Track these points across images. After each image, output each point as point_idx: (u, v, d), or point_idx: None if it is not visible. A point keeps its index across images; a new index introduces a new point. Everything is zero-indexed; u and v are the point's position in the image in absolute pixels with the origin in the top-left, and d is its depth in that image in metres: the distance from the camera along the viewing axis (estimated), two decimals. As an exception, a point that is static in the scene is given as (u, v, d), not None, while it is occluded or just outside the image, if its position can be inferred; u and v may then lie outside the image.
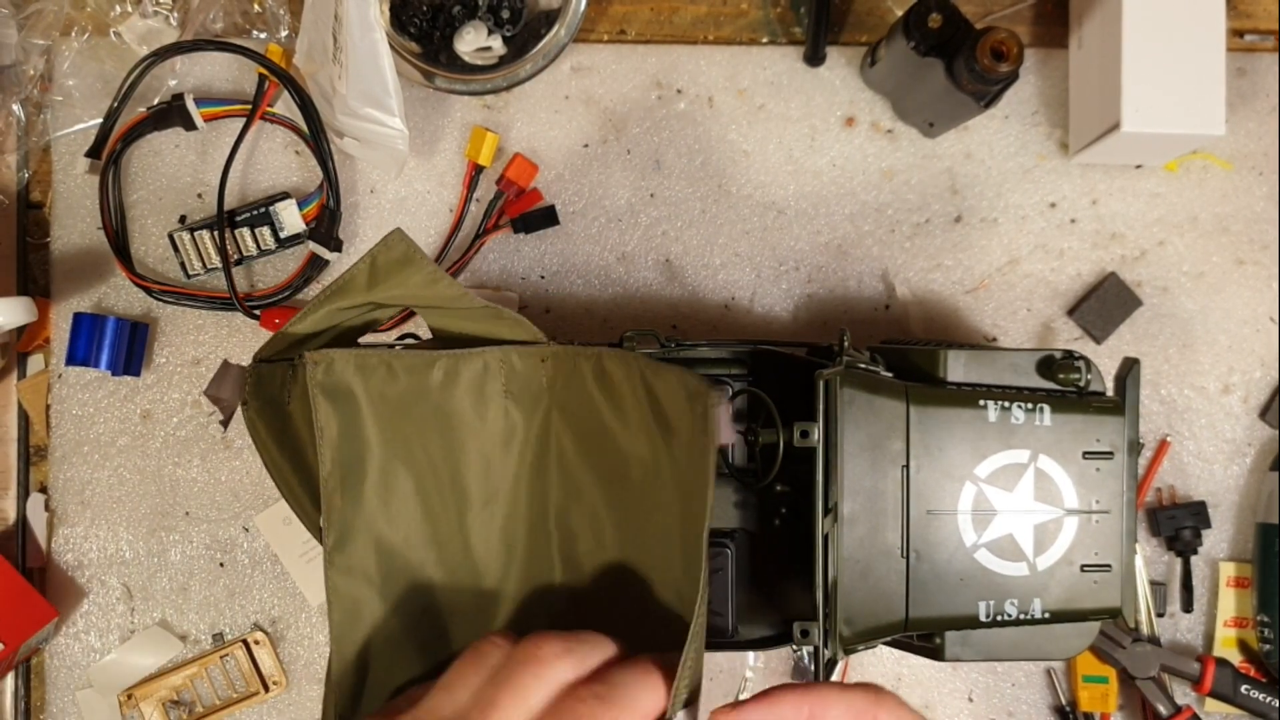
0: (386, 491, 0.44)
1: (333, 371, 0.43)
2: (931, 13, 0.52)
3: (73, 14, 0.58)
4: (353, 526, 0.43)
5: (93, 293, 0.59)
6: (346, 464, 0.43)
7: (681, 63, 0.60)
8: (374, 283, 0.43)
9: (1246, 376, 0.60)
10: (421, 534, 0.44)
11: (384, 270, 0.43)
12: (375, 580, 0.44)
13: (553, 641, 0.37)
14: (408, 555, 0.44)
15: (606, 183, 0.60)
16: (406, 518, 0.44)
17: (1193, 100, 0.54)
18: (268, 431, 0.46)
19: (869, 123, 0.60)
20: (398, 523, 0.44)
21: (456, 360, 0.44)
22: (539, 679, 0.36)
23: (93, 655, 0.58)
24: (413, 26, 0.57)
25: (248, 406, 0.46)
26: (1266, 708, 0.57)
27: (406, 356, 0.44)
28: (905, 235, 0.60)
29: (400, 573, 0.44)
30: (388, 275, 0.43)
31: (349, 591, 0.43)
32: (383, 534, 0.44)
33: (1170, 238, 0.61)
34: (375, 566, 0.44)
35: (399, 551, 0.44)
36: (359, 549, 0.43)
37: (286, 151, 0.59)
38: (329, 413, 0.43)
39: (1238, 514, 0.60)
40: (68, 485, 0.58)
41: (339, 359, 0.43)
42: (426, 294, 0.44)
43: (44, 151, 0.59)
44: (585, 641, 0.37)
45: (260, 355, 0.46)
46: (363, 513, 0.44)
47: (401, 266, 0.43)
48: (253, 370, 0.46)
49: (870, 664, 0.59)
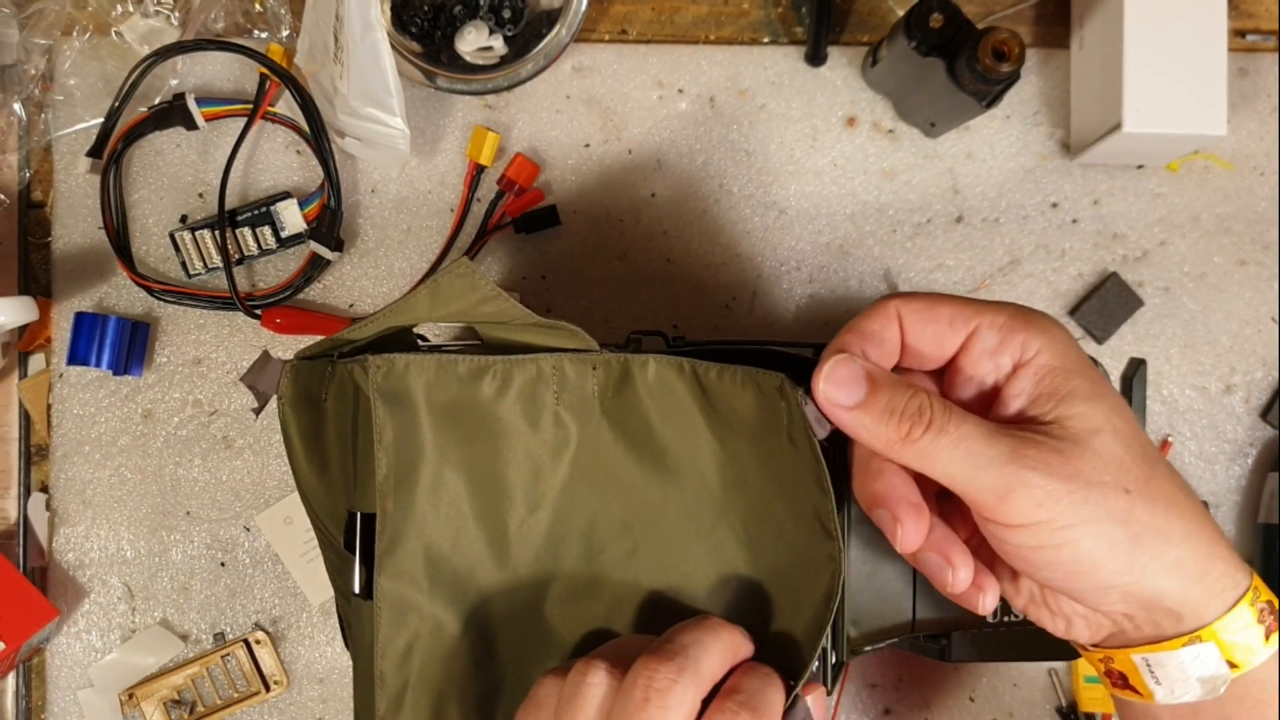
0: (437, 497, 0.44)
1: (392, 375, 0.43)
2: (933, 13, 0.52)
3: (74, 13, 0.58)
4: (403, 531, 0.43)
5: (94, 292, 0.59)
6: (401, 469, 0.43)
7: (683, 62, 0.60)
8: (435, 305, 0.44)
9: (1248, 377, 0.60)
10: (470, 540, 0.44)
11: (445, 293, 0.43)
12: (424, 585, 0.43)
13: (663, 666, 0.35)
14: (455, 561, 0.44)
15: (608, 183, 0.60)
16: (456, 523, 0.44)
17: (1194, 101, 0.54)
18: (298, 426, 0.46)
19: (870, 123, 0.60)
20: (447, 529, 0.44)
21: (510, 366, 0.44)
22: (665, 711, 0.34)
23: (94, 655, 0.58)
24: (414, 26, 0.57)
25: (283, 400, 0.46)
26: (1268, 708, 0.57)
27: (462, 362, 0.44)
28: (907, 235, 0.60)
29: (448, 578, 0.44)
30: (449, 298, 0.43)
31: (397, 595, 0.43)
32: (432, 539, 0.44)
33: (1172, 238, 0.61)
34: (424, 571, 0.43)
35: (447, 557, 0.44)
36: (409, 554, 0.43)
37: (288, 151, 0.59)
38: (386, 417, 0.43)
39: (1239, 515, 0.60)
40: (69, 485, 0.58)
41: (399, 363, 0.43)
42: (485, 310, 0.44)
43: (45, 151, 0.59)
44: (688, 649, 0.36)
45: (303, 354, 0.46)
46: (414, 518, 0.43)
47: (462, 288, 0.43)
48: (293, 366, 0.46)
49: (871, 664, 0.59)
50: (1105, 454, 0.34)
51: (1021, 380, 0.36)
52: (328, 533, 0.48)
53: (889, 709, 0.59)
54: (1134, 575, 0.34)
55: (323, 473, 0.47)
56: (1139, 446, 0.35)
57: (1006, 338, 0.36)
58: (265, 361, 0.46)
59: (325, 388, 0.46)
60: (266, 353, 0.46)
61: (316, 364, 0.46)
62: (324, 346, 0.46)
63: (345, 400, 0.45)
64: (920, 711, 0.59)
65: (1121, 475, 0.34)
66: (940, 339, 0.37)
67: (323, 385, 0.46)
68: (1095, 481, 0.34)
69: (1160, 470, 0.35)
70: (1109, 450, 0.34)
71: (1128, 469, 0.34)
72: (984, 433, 0.34)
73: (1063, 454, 0.34)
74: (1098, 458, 0.34)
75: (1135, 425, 0.36)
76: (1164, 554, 0.34)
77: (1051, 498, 0.33)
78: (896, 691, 0.59)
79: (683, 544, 0.44)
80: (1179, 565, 0.35)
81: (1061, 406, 0.35)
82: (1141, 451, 0.35)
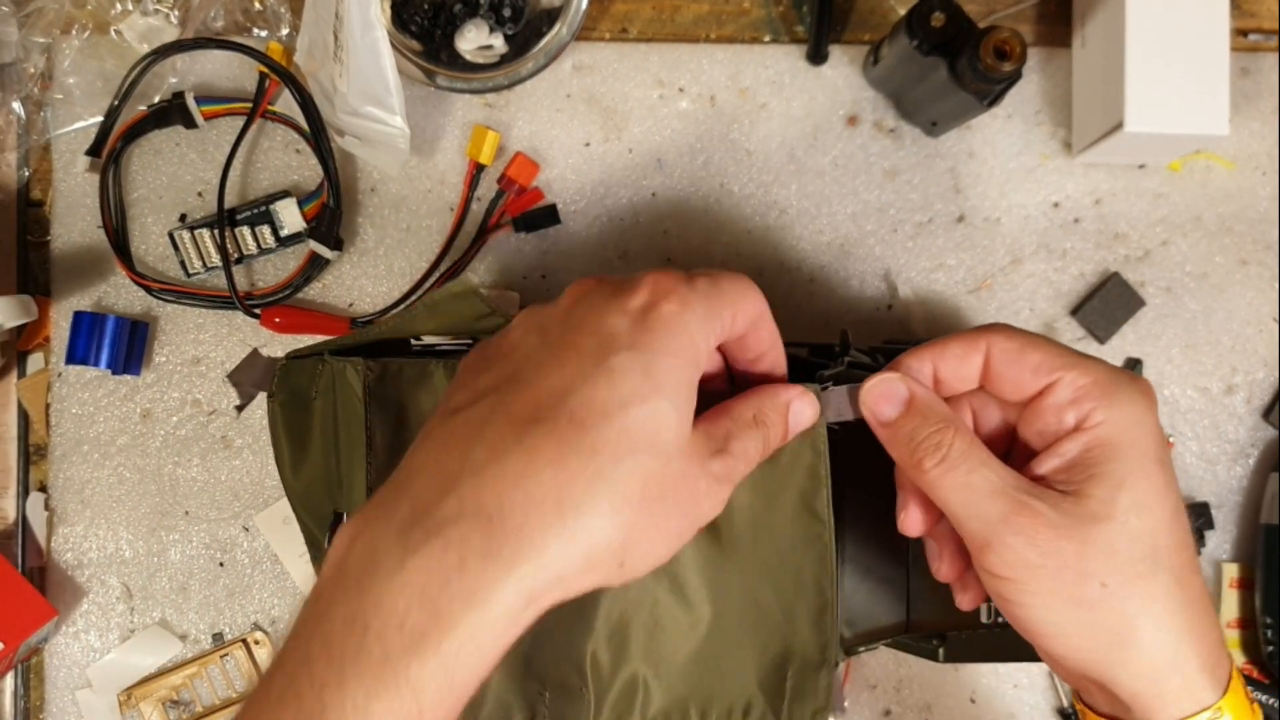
0: None
1: (385, 379, 0.43)
2: (934, 11, 0.52)
3: (73, 12, 0.58)
4: None
5: (93, 291, 0.59)
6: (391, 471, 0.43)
7: (683, 61, 0.60)
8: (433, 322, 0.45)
9: (1250, 377, 0.60)
10: None
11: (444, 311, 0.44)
12: None
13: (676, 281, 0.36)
14: None
15: (608, 181, 0.60)
16: None
17: (1196, 100, 0.54)
18: (285, 424, 0.46)
19: (871, 122, 0.60)
20: None
21: None
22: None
23: (92, 655, 0.58)
24: (414, 25, 0.57)
25: (273, 397, 0.46)
26: (1270, 710, 0.57)
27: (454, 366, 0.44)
28: (908, 235, 0.60)
29: None
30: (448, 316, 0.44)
31: None
32: None
33: (1173, 238, 0.60)
34: None
35: None
36: None
37: (287, 150, 0.59)
38: (379, 421, 0.43)
39: (1241, 515, 0.60)
40: (67, 484, 0.58)
41: (392, 367, 0.43)
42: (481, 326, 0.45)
43: (44, 150, 0.59)
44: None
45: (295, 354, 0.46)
46: None
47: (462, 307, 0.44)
48: (284, 364, 0.46)
49: (871, 664, 0.59)
50: (1101, 543, 0.35)
51: (1072, 442, 0.37)
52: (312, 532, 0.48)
53: (889, 710, 0.59)
54: (1085, 659, 0.36)
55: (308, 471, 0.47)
56: (1148, 547, 0.35)
57: (1080, 399, 0.37)
58: (254, 359, 0.46)
59: (315, 386, 0.46)
60: (256, 350, 0.46)
61: (307, 362, 0.46)
62: (316, 346, 0.46)
63: (333, 400, 0.45)
64: (921, 713, 0.59)
65: (1108, 568, 0.35)
66: (1020, 383, 0.38)
67: (312, 384, 0.46)
68: (1072, 565, 0.35)
69: (1162, 574, 0.35)
70: (1107, 541, 0.35)
71: (1118, 565, 0.35)
72: (989, 487, 0.36)
73: (1057, 529, 0.35)
74: (1092, 545, 0.35)
75: (1160, 524, 0.35)
76: (1118, 652, 0.35)
77: (1023, 563, 0.35)
78: (897, 693, 0.59)
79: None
80: (1129, 665, 0.35)
81: (1090, 484, 0.36)
82: (1148, 552, 0.35)
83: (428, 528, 0.31)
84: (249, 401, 0.46)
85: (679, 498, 0.34)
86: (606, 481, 0.32)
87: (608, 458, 0.32)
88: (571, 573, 0.32)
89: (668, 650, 0.43)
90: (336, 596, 0.31)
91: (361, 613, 0.30)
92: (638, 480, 0.32)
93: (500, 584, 0.30)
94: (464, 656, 0.30)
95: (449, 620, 0.30)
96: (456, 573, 0.30)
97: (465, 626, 0.30)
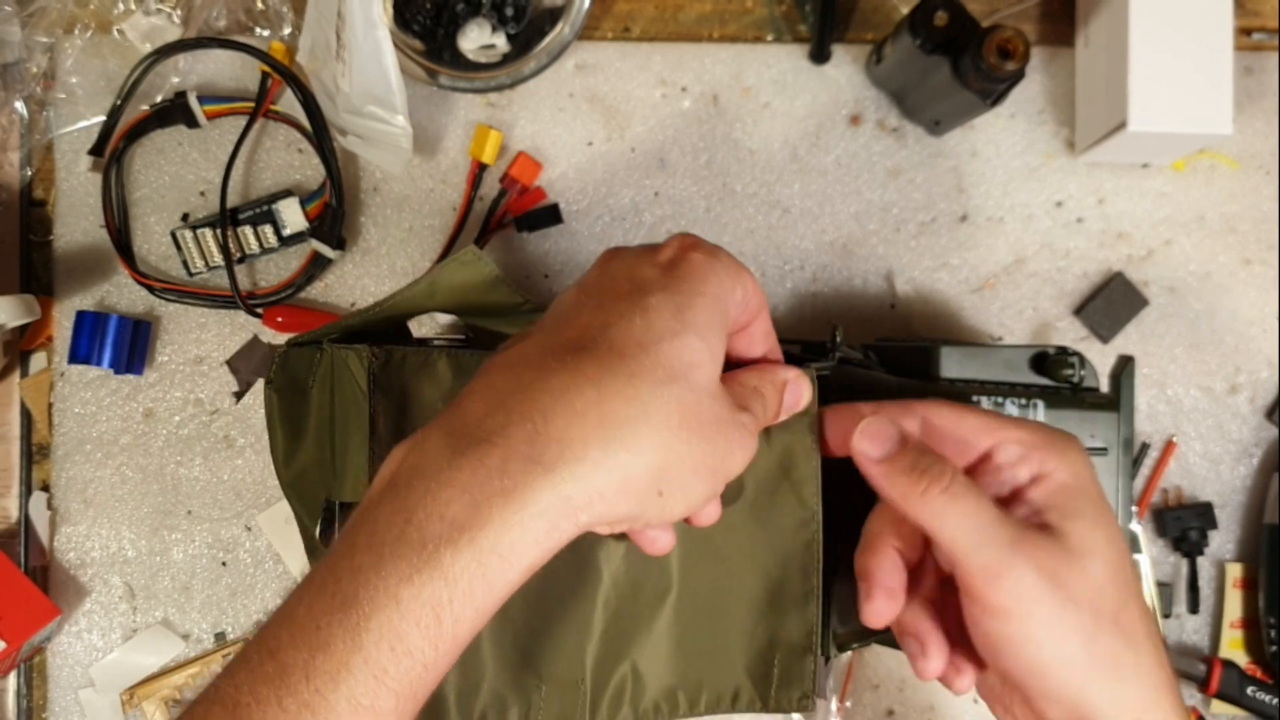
0: None
1: (389, 366, 0.43)
2: (938, 10, 0.52)
3: (76, 11, 0.58)
4: None
5: (95, 291, 0.59)
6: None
7: (686, 60, 0.60)
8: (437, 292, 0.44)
9: (1253, 377, 0.60)
10: None
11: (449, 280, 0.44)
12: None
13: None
14: None
15: (610, 181, 0.60)
16: None
17: (1200, 99, 0.54)
18: (281, 411, 0.46)
19: (874, 121, 0.60)
20: None
21: None
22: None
23: (95, 654, 0.58)
24: (416, 24, 0.57)
25: (271, 384, 0.46)
26: (1273, 710, 0.56)
27: (457, 356, 0.44)
28: (911, 234, 0.60)
29: None
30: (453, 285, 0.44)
31: None
32: None
33: (1177, 237, 0.60)
34: None
35: None
36: None
37: (289, 149, 0.59)
38: (383, 408, 0.43)
39: (1244, 515, 0.60)
40: (70, 484, 0.58)
41: (396, 354, 0.43)
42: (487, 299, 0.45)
43: (47, 149, 0.59)
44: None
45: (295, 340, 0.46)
46: None
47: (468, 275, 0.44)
48: (283, 352, 0.46)
49: (874, 664, 0.59)
50: (1091, 575, 0.36)
51: (1036, 490, 0.39)
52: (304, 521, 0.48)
53: (891, 710, 0.59)
54: (1080, 694, 0.36)
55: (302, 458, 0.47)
56: (1123, 579, 0.37)
57: (1029, 454, 0.39)
58: (253, 346, 0.46)
59: (313, 374, 0.46)
60: (256, 337, 0.46)
61: (305, 350, 0.46)
62: (317, 334, 0.46)
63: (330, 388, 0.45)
64: (924, 713, 0.59)
65: (1099, 600, 0.36)
66: (963, 447, 0.40)
67: (310, 372, 0.46)
68: (1074, 597, 0.36)
69: (1133, 605, 0.37)
70: (1095, 573, 0.36)
71: (1107, 597, 0.37)
72: (996, 514, 0.37)
73: (1055, 560, 0.36)
74: (1084, 576, 0.36)
75: (1125, 556, 0.38)
76: (1111, 685, 0.36)
77: (1035, 593, 0.36)
78: (900, 693, 0.59)
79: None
80: (1119, 699, 0.36)
81: (1066, 522, 0.37)
82: (1124, 583, 0.37)
83: (475, 436, 0.33)
84: (247, 389, 0.46)
85: (714, 436, 0.35)
86: (645, 404, 0.33)
87: (646, 382, 0.33)
88: (610, 490, 0.33)
89: (658, 640, 0.44)
90: (385, 497, 0.33)
91: (405, 507, 0.32)
92: (676, 408, 0.33)
93: (539, 486, 0.32)
94: (499, 552, 0.31)
95: (486, 514, 0.31)
96: (499, 473, 0.32)
97: (501, 523, 0.31)
